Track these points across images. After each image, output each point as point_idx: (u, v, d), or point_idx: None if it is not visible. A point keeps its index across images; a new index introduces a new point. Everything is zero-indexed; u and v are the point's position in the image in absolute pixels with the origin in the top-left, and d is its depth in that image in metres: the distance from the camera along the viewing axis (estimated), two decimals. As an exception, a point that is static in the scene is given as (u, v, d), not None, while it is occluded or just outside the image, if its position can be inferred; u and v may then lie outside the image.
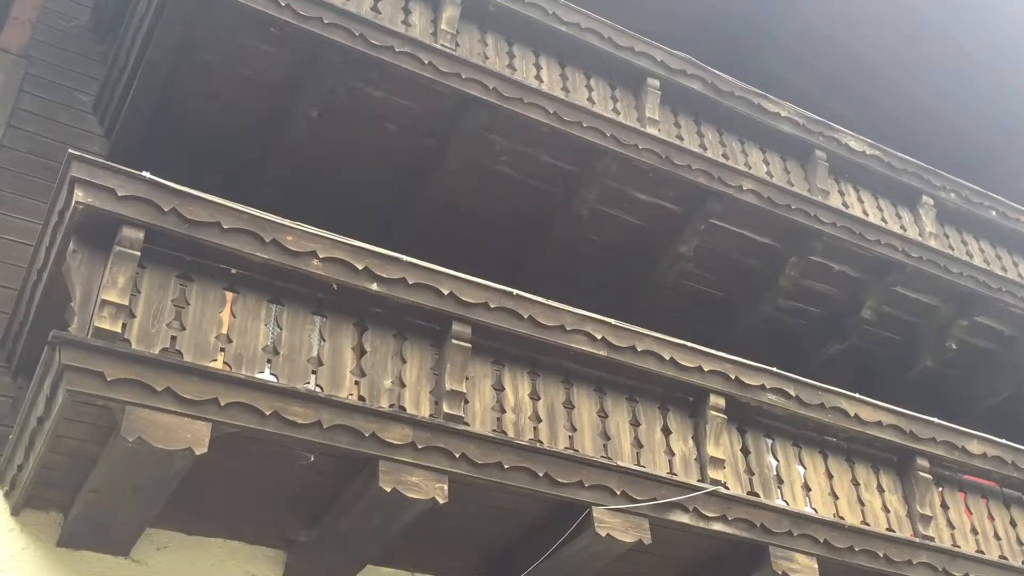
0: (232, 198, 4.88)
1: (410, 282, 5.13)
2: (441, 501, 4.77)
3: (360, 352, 5.02)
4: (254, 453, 4.72)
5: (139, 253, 4.50)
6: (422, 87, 6.48)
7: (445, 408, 5.03)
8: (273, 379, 4.65)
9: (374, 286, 5.05)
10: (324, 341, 4.95)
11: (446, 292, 5.20)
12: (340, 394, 4.80)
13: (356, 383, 4.91)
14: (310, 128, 6.55)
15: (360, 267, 5.02)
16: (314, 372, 4.83)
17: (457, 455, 4.89)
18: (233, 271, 4.81)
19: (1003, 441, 6.94)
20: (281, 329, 4.84)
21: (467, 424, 5.06)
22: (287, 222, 4.92)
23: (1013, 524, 6.85)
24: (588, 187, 7.26)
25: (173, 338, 4.50)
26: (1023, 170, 11.01)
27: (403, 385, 5.04)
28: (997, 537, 6.72)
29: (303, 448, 4.65)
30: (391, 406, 4.91)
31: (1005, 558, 6.60)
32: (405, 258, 5.17)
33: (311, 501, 5.18)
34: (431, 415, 5.00)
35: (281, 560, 5.49)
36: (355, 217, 6.64)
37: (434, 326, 5.27)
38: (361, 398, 4.88)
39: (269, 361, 4.72)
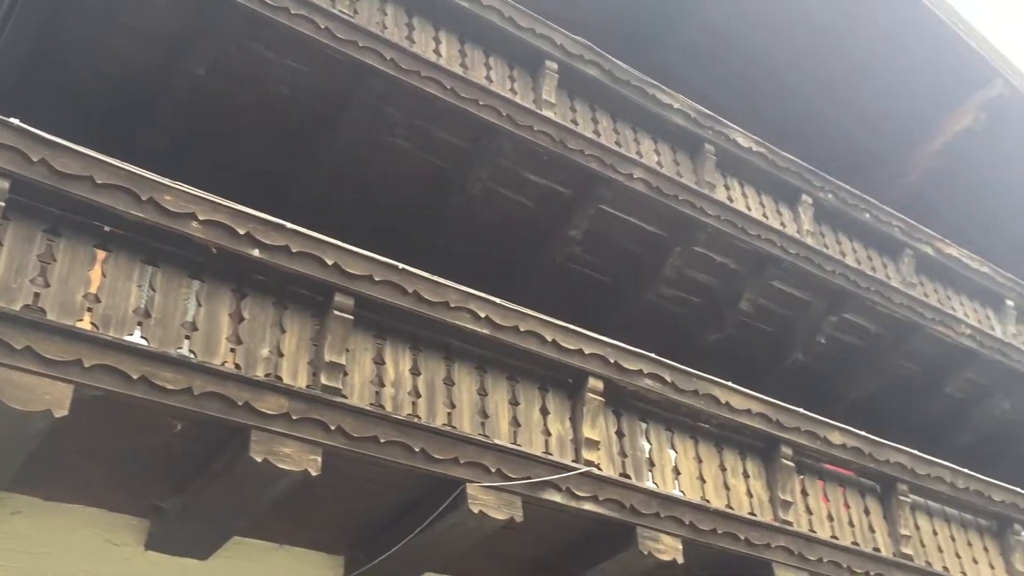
0: (111, 153, 4.68)
1: (293, 250, 5.03)
2: (314, 473, 4.71)
3: (238, 319, 4.90)
4: (120, 418, 4.56)
5: (3, 204, 4.27)
6: (317, 52, 6.35)
7: (323, 380, 4.96)
8: (143, 342, 4.49)
9: (256, 252, 4.93)
10: (200, 306, 4.80)
11: (330, 262, 5.12)
12: (214, 361, 4.67)
13: (232, 350, 4.79)
14: (199, 85, 6.35)
15: (242, 232, 4.90)
16: (187, 337, 4.68)
17: (333, 427, 4.83)
18: (106, 229, 4.61)
19: (862, 433, 7.28)
20: (154, 291, 4.68)
21: (345, 397, 5.01)
22: (166, 181, 4.75)
23: (867, 512, 7.21)
24: (481, 165, 7.27)
25: (36, 295, 4.30)
26: (899, 176, 11.51)
27: (281, 355, 4.94)
28: (851, 524, 7.05)
29: (172, 415, 4.52)
30: (267, 375, 4.81)
31: (857, 544, 6.94)
32: (289, 225, 5.06)
33: (178, 469, 5.03)
34: (308, 386, 4.93)
35: (144, 529, 5.33)
36: (242, 182, 6.45)
37: (316, 296, 5.18)
38: (236, 366, 4.76)
39: (140, 324, 4.56)
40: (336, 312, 5.12)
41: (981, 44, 10.57)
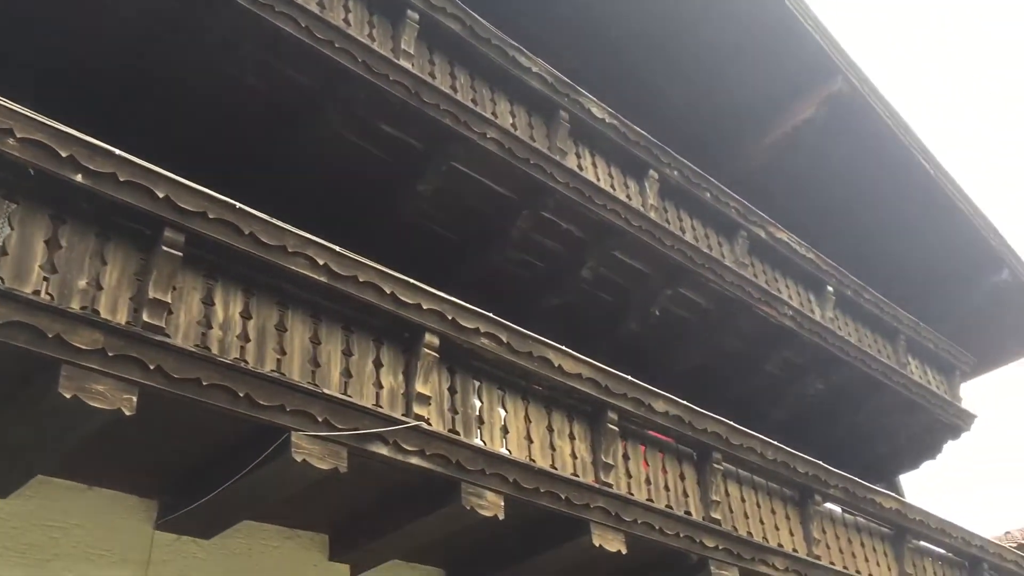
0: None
1: (121, 179, 4.75)
2: (128, 413, 4.51)
3: (54, 247, 4.60)
4: (-89, 344, 4.23)
5: None
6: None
7: (145, 317, 4.73)
8: (-56, 264, 4.17)
9: (79, 177, 4.63)
10: (12, 229, 4.48)
11: (161, 195, 4.88)
12: (24, 289, 4.38)
13: (45, 279, 4.50)
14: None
15: (64, 154, 4.59)
16: (-4, 262, 4.38)
17: (152, 367, 4.63)
18: (-92, 139, 4.24)
19: (684, 403, 7.60)
20: (-39, 211, 4.34)
21: (168, 336, 4.80)
22: (-22, 92, 4.39)
23: (682, 477, 7.55)
24: (333, 110, 7.10)
25: None
26: (742, 160, 11.94)
27: (100, 288, 4.68)
28: (667, 488, 7.37)
29: (-28, 344, 4.22)
30: (83, 308, 4.55)
31: (671, 507, 7.26)
32: (118, 152, 4.77)
33: (-21, 403, 4.72)
34: (128, 323, 4.69)
35: (-63, 463, 4.98)
36: (73, 104, 6.06)
37: (144, 229, 4.91)
38: (50, 296, 4.48)
39: (-59, 244, 4.23)
40: (164, 248, 4.88)
41: (826, 40, 11.07)
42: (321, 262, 5.51)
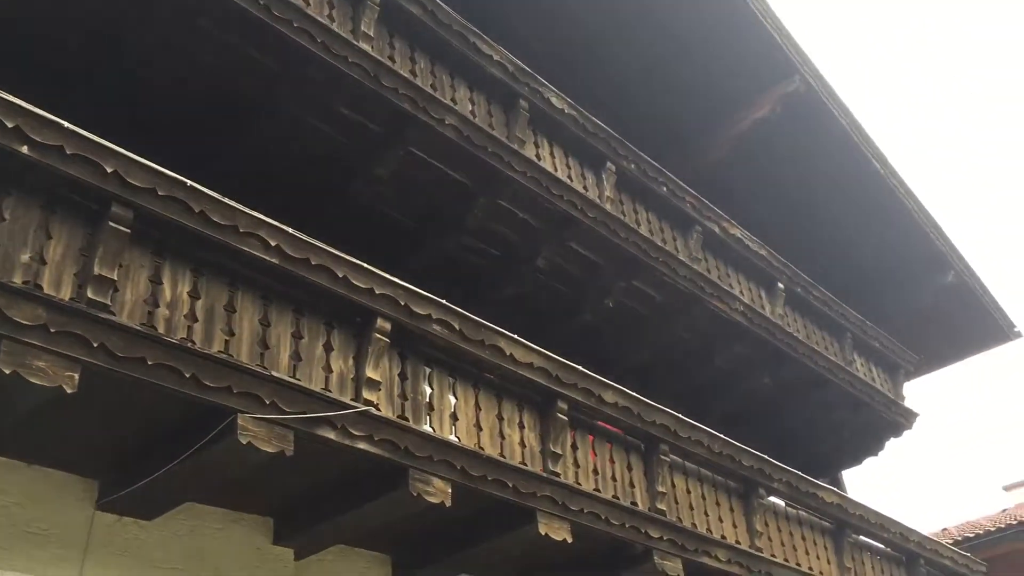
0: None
1: (69, 152, 4.66)
2: (69, 391, 4.43)
3: (-3, 219, 4.51)
4: None
5: None
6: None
7: (90, 294, 4.65)
8: None
9: (24, 149, 4.53)
10: (-47, 200, 4.38)
11: (110, 170, 4.79)
12: (-36, 262, 4.29)
13: (-14, 252, 4.41)
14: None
15: (10, 125, 4.49)
16: (-66, 234, 4.27)
17: (95, 344, 4.56)
18: None
19: (634, 394, 7.65)
20: (-100, 179, 4.22)
21: (113, 314, 4.72)
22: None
23: (629, 468, 7.62)
24: (291, 91, 7.02)
25: None
26: (700, 155, 12.03)
27: (44, 262, 4.59)
28: (614, 478, 7.43)
29: (-91, 316, 4.11)
30: (25, 282, 4.46)
31: (617, 497, 7.32)
32: (67, 125, 4.68)
33: (-86, 377, 4.60)
34: (72, 299, 4.61)
35: None
36: (27, 75, 5.93)
37: (91, 204, 4.83)
38: (-9, 270, 4.39)
39: None
40: (112, 224, 4.80)
41: (785, 40, 11.19)
42: (273, 243, 5.45)
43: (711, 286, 10.06)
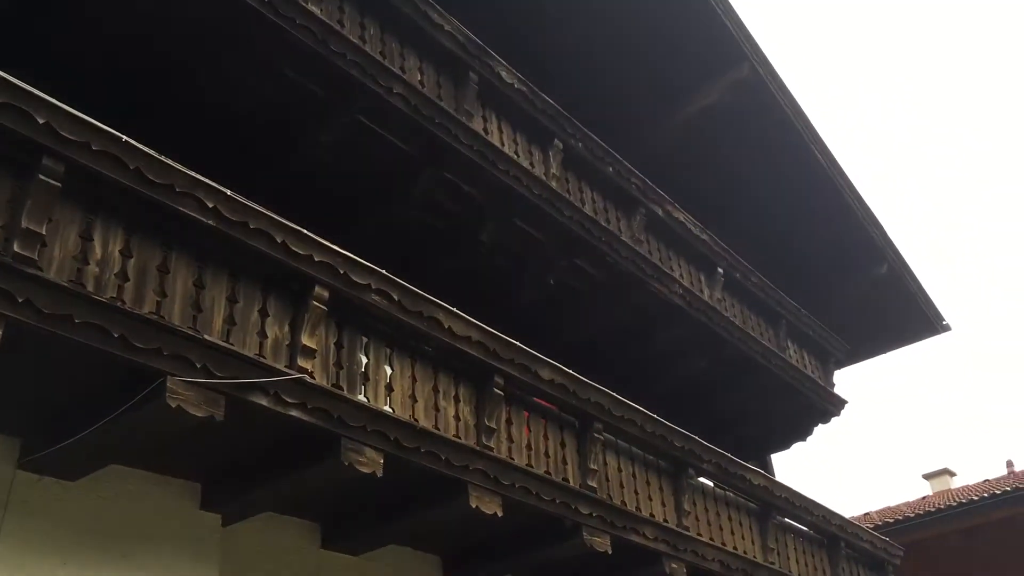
0: None
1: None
2: (-10, 347, 4.32)
3: (-81, 167, 4.35)
4: None
5: None
6: None
7: (16, 248, 4.52)
8: None
9: (-49, 95, 4.38)
10: None
11: (41, 121, 4.64)
12: None
13: (-93, 200, 4.26)
14: None
15: (-64, 69, 4.33)
16: None
17: (20, 300, 4.44)
18: None
19: (570, 371, 7.70)
20: None
21: (40, 269, 4.60)
22: None
23: (563, 445, 7.68)
24: (233, 50, 6.87)
25: None
26: (649, 138, 12.06)
27: (-32, 213, 4.45)
28: (547, 455, 7.48)
29: None
30: (-53, 234, 4.32)
31: (549, 473, 7.37)
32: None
33: None
34: (-2, 253, 4.48)
35: None
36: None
37: (20, 155, 4.68)
38: (-89, 218, 4.24)
39: None
40: (42, 177, 4.66)
41: (736, 26, 11.27)
42: (210, 205, 5.34)
43: (652, 268, 10.14)
